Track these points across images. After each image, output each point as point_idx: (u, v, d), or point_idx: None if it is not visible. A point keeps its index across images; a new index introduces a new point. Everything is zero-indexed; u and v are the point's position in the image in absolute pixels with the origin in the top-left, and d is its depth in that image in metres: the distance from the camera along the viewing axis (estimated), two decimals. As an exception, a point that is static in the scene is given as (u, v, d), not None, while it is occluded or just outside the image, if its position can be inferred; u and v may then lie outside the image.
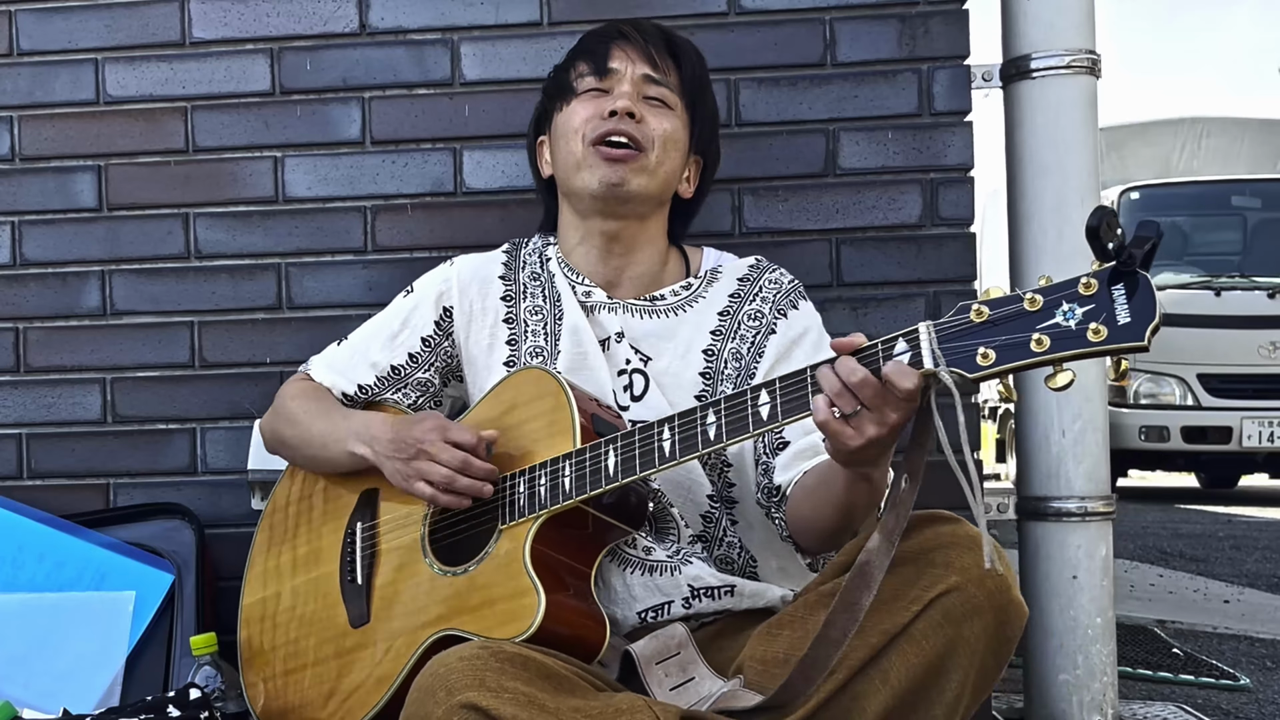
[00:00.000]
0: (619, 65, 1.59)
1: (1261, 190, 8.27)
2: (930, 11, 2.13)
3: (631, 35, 1.61)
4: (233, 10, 2.22)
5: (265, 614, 1.70)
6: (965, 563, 1.24)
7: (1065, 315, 1.10)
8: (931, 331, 1.17)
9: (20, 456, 2.25)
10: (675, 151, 1.60)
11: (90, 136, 2.25)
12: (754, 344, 1.59)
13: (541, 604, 1.33)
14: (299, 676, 1.62)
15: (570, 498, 1.39)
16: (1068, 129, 2.06)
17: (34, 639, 1.99)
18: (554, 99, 1.65)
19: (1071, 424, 2.06)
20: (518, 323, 1.65)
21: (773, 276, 1.65)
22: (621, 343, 1.60)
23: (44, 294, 2.26)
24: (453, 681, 1.18)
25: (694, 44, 1.67)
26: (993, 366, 1.13)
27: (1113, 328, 1.08)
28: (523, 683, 1.19)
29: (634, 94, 1.58)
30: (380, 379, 1.68)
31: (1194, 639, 3.20)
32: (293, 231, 2.21)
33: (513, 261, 1.70)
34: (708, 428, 1.31)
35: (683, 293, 1.64)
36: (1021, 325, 1.12)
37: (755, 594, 1.51)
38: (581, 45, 1.66)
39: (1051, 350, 1.10)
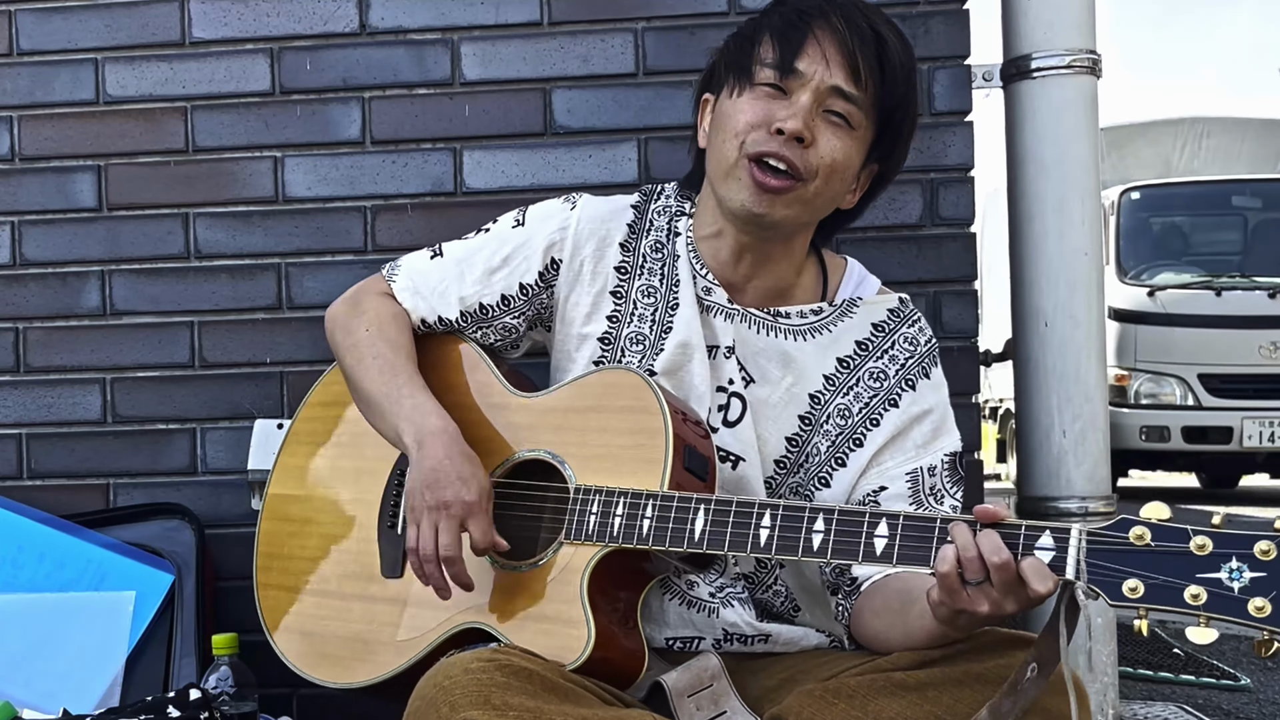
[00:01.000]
0: (807, 67, 1.36)
1: (1262, 190, 8.27)
2: (930, 11, 2.13)
3: (837, 27, 1.36)
4: (233, 10, 2.22)
5: (293, 515, 1.62)
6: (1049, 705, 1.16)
7: (1231, 575, 1.04)
8: (1083, 541, 1.09)
9: (20, 456, 2.25)
10: (841, 179, 1.42)
11: (90, 136, 2.25)
12: (868, 407, 1.47)
13: (591, 641, 1.29)
14: (316, 601, 1.56)
15: (645, 543, 1.31)
16: (1068, 129, 2.06)
17: (34, 639, 1.99)
18: (728, 69, 1.43)
19: (1072, 424, 2.05)
20: (625, 300, 1.51)
21: (909, 333, 1.50)
22: (730, 359, 1.47)
23: (44, 294, 2.26)
24: (456, 697, 1.14)
25: (908, 44, 1.43)
26: (1138, 602, 1.06)
27: (1277, 609, 1.01)
28: (528, 696, 1.15)
29: (813, 108, 1.36)
30: (465, 314, 1.55)
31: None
32: (293, 231, 2.21)
33: (639, 222, 1.53)
34: (812, 536, 1.22)
35: (810, 317, 1.49)
36: (1181, 568, 1.05)
37: (790, 642, 1.45)
38: (776, 17, 1.40)
39: (1205, 609, 1.04)
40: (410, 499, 1.40)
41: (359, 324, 1.55)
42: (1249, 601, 1.01)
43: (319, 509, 1.62)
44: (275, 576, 1.63)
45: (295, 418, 1.70)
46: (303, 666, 1.56)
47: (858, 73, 1.36)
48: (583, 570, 1.34)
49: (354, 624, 1.52)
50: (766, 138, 1.36)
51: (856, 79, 1.36)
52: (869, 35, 1.37)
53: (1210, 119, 9.75)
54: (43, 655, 1.98)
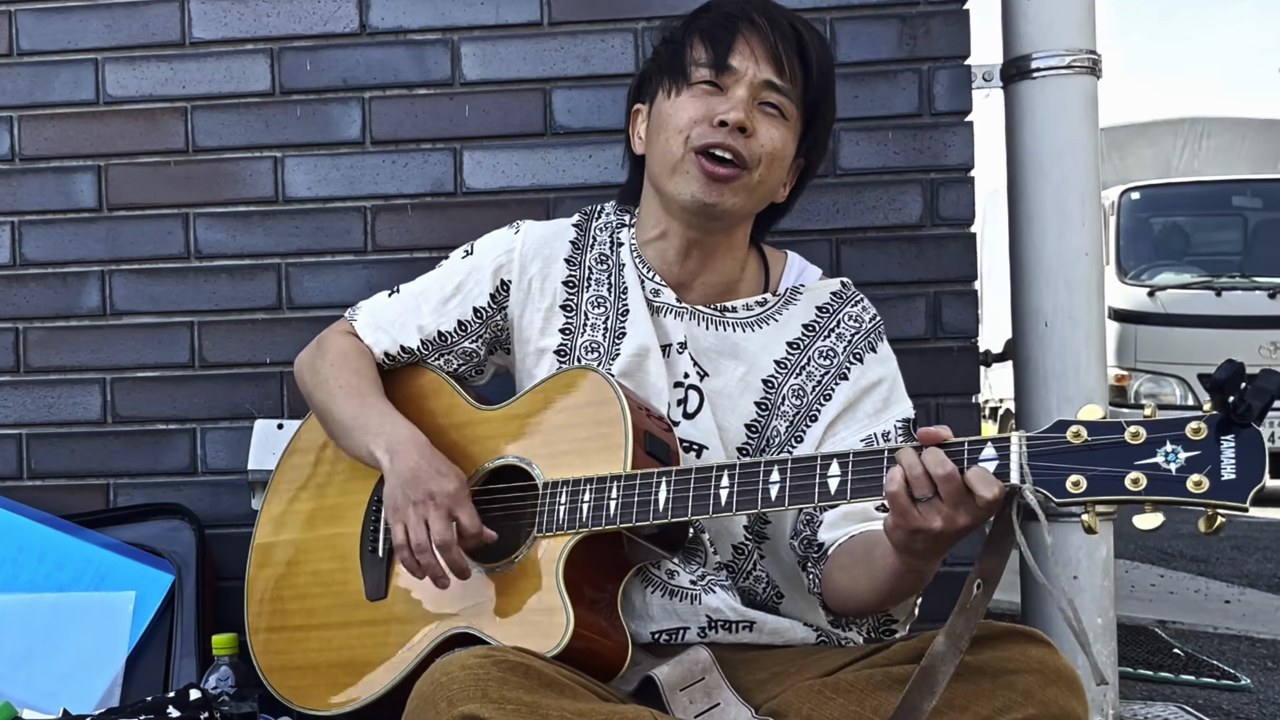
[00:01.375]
0: (740, 64, 1.44)
1: (1262, 190, 8.26)
2: (930, 11, 2.13)
3: (761, 27, 1.45)
4: (233, 10, 2.22)
5: (276, 560, 1.66)
6: (1045, 696, 1.18)
7: (1167, 457, 1.06)
8: (1023, 445, 1.12)
9: (20, 456, 2.25)
10: (780, 167, 1.49)
11: (90, 136, 2.25)
12: (821, 384, 1.51)
13: (570, 625, 1.31)
14: (304, 635, 1.59)
15: (614, 523, 1.35)
16: (1068, 129, 2.06)
17: (34, 639, 1.99)
18: (663, 74, 1.50)
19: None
20: (576, 312, 1.57)
21: (854, 311, 1.56)
22: (683, 354, 1.52)
23: (44, 294, 2.26)
24: (454, 692, 1.16)
25: (824, 41, 1.54)
26: (1082, 496, 1.09)
27: (1215, 482, 1.03)
28: (525, 691, 1.17)
29: (750, 100, 1.44)
30: (426, 342, 1.61)
31: (1195, 639, 3.20)
32: (293, 231, 2.21)
33: (581, 239, 1.60)
34: (770, 486, 1.26)
35: (756, 309, 1.55)
36: (1119, 458, 1.08)
37: (776, 631, 1.47)
38: (704, 21, 1.48)
39: (1146, 492, 1.06)
40: (392, 503, 1.44)
41: (324, 362, 1.62)
42: (1187, 479, 1.04)
43: (303, 549, 1.64)
44: (265, 620, 1.64)
45: (275, 470, 1.73)
46: (298, 701, 1.58)
47: (783, 67, 1.45)
48: (557, 559, 1.37)
49: (344, 650, 1.54)
50: (711, 130, 1.43)
51: (783, 73, 1.45)
52: (790, 33, 1.46)
53: (1210, 119, 9.74)
54: (43, 655, 1.98)
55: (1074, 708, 1.18)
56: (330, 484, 1.65)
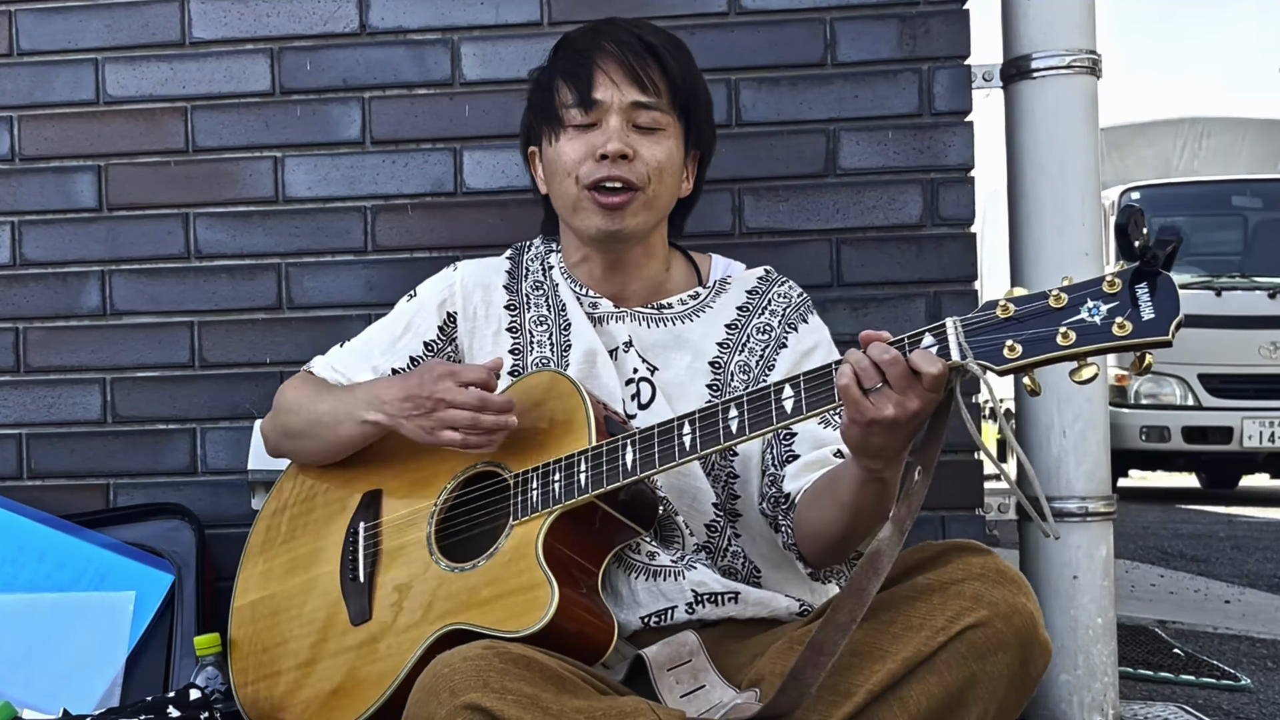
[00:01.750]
0: (604, 95, 1.51)
1: (1262, 190, 8.27)
2: (930, 11, 2.13)
3: (613, 52, 1.53)
4: (233, 10, 2.22)
5: (259, 615, 1.68)
6: (994, 597, 1.23)
7: (1090, 311, 1.13)
8: (958, 325, 1.19)
9: (20, 456, 2.25)
10: (672, 174, 1.56)
11: (90, 136, 2.25)
12: (763, 357, 1.58)
13: (555, 595, 1.33)
14: (296, 676, 1.60)
15: (586, 493, 1.40)
16: (1068, 129, 2.06)
17: (34, 639, 1.99)
18: (540, 121, 1.60)
19: (1072, 424, 2.05)
20: (522, 333, 1.64)
21: (781, 290, 1.64)
22: (629, 351, 1.59)
23: (44, 294, 2.26)
24: (456, 682, 1.18)
25: (674, 38, 1.59)
26: (1020, 359, 1.15)
27: (1138, 323, 1.11)
28: (526, 683, 1.19)
29: (623, 126, 1.52)
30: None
31: (1194, 639, 3.20)
32: (293, 231, 2.21)
33: (516, 270, 1.69)
34: (729, 422, 1.31)
35: (690, 302, 1.63)
36: (1047, 320, 1.14)
37: (760, 602, 1.50)
38: (562, 61, 1.57)
39: (1078, 344, 1.12)
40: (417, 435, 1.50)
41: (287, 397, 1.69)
42: (1112, 324, 1.11)
43: (284, 598, 1.66)
44: (252, 674, 1.65)
45: (250, 534, 1.75)
46: None
47: (644, 83, 1.52)
48: (536, 538, 1.40)
49: (334, 679, 1.54)
50: (596, 166, 1.51)
51: (645, 89, 1.52)
52: (640, 46, 1.54)
53: (1210, 119, 9.74)
54: (43, 655, 1.98)
55: (1022, 603, 1.24)
56: (302, 534, 1.68)
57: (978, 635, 1.22)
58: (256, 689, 1.64)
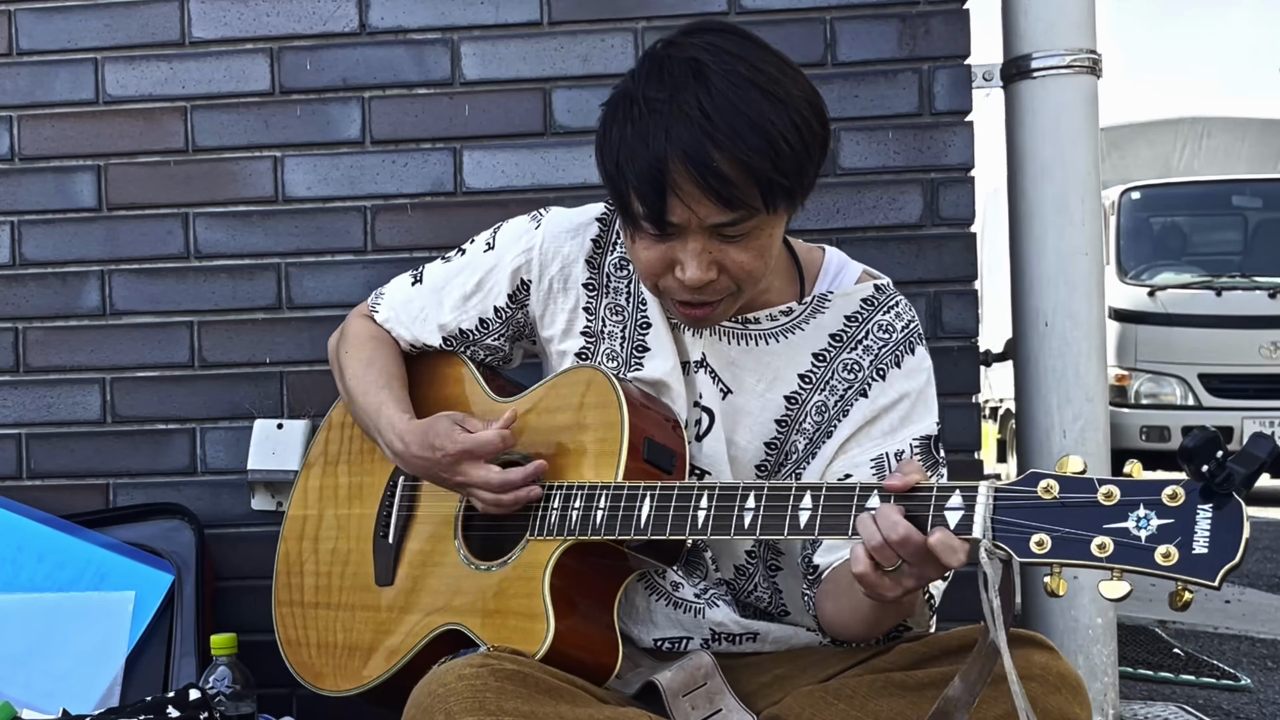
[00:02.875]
0: (681, 218, 1.28)
1: (1262, 190, 8.26)
2: (930, 11, 2.13)
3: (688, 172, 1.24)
4: (233, 10, 2.22)
5: (305, 533, 1.72)
6: (1049, 704, 1.17)
7: (1138, 523, 1.00)
8: (990, 498, 1.08)
9: (20, 456, 2.25)
10: (769, 257, 1.35)
11: (90, 136, 2.25)
12: (842, 398, 1.43)
13: (550, 634, 1.31)
14: (321, 613, 1.64)
15: (599, 534, 1.34)
16: (1068, 129, 2.06)
17: (34, 639, 1.99)
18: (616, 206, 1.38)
19: (1072, 424, 2.05)
20: (596, 317, 1.51)
21: (884, 320, 1.44)
22: (699, 372, 1.45)
23: (44, 294, 2.25)
24: (451, 704, 1.16)
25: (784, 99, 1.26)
26: (1045, 557, 1.04)
27: (1185, 555, 0.97)
28: (522, 700, 1.17)
29: (704, 245, 1.30)
30: (447, 339, 1.59)
31: (1194, 639, 3.20)
32: (293, 231, 2.21)
33: (604, 237, 1.50)
34: (744, 514, 1.24)
35: (781, 319, 1.44)
36: (1088, 519, 1.02)
37: (779, 640, 1.46)
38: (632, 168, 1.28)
39: (1111, 560, 1.00)
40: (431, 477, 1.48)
41: (344, 350, 1.64)
42: (1155, 550, 0.97)
43: (326, 525, 1.70)
44: (289, 593, 1.71)
45: (313, 441, 1.78)
46: (308, 679, 1.64)
47: (728, 200, 1.25)
48: (545, 565, 1.37)
49: (352, 633, 1.58)
50: (678, 286, 1.33)
51: (729, 205, 1.26)
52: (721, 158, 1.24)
53: (1210, 119, 9.74)
54: (43, 655, 1.98)
55: (1076, 713, 1.19)
56: (355, 461, 1.70)
57: None
58: (289, 613, 1.70)
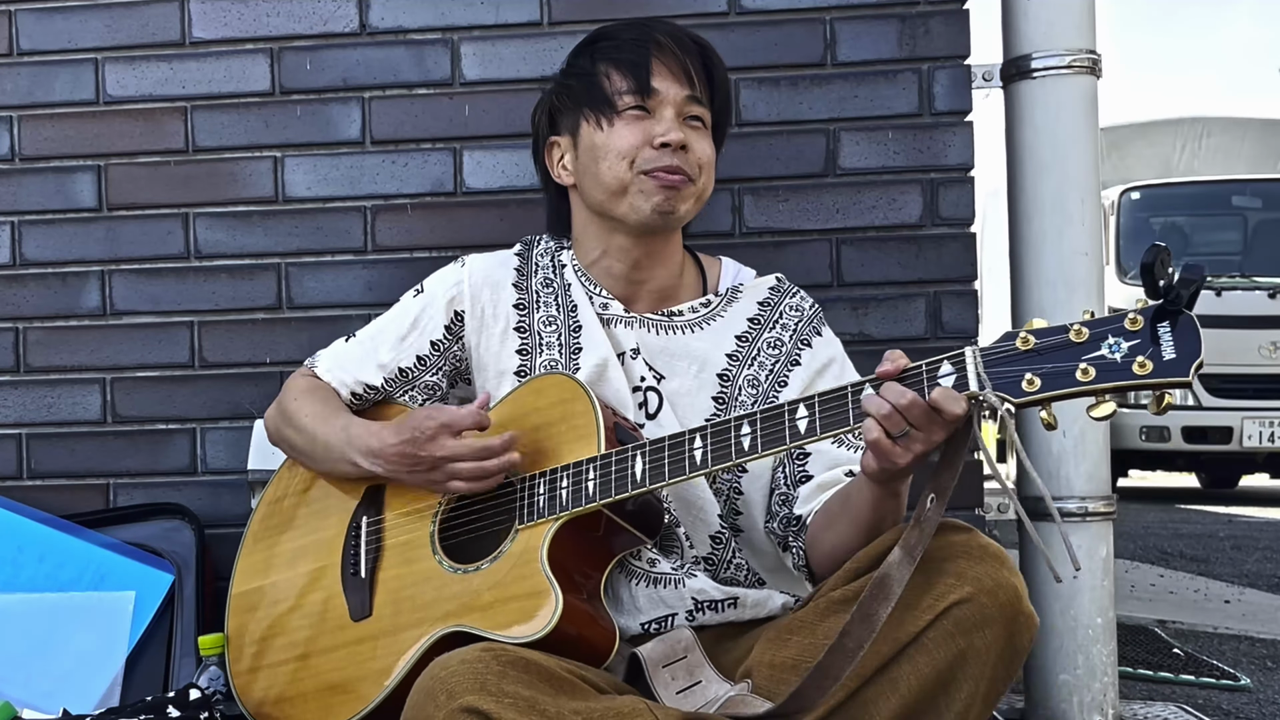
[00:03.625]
0: (661, 86, 1.53)
1: (1262, 190, 8.27)
2: (930, 11, 2.13)
3: (668, 46, 1.54)
4: (233, 10, 2.22)
5: (258, 603, 1.67)
6: (977, 573, 1.24)
7: (1111, 348, 1.13)
8: (977, 356, 1.19)
9: (20, 456, 2.25)
10: (712, 172, 1.59)
11: (90, 136, 2.25)
12: (774, 372, 1.57)
13: (559, 604, 1.33)
14: (294, 668, 1.59)
15: (594, 501, 1.39)
16: (1068, 129, 2.06)
17: (34, 639, 1.99)
18: (583, 105, 1.57)
19: (1072, 424, 2.05)
20: (530, 333, 1.62)
21: (793, 302, 1.63)
22: (637, 359, 1.57)
23: (44, 294, 2.26)
24: (453, 685, 1.18)
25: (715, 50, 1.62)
26: (1038, 393, 1.15)
27: (1158, 363, 1.10)
28: (523, 686, 1.19)
29: (678, 118, 1.53)
30: (388, 380, 1.65)
31: (1194, 639, 3.20)
32: (293, 231, 2.21)
33: (525, 266, 1.66)
34: (742, 438, 1.31)
35: (701, 310, 1.61)
36: (1067, 355, 1.14)
37: (758, 603, 1.51)
38: (612, 51, 1.56)
39: (1097, 380, 1.12)
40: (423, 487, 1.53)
41: (290, 405, 1.67)
42: (1133, 363, 1.10)
43: (284, 588, 1.65)
44: (250, 662, 1.65)
45: (250, 521, 1.75)
46: None
47: (695, 82, 1.55)
48: (541, 544, 1.40)
49: (334, 673, 1.54)
50: (655, 154, 1.51)
51: (695, 87, 1.55)
52: (694, 48, 1.57)
53: (1210, 119, 9.74)
54: (43, 655, 1.98)
55: (1005, 577, 1.24)
56: (303, 524, 1.68)
57: (963, 612, 1.22)
58: (253, 679, 1.63)
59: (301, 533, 1.67)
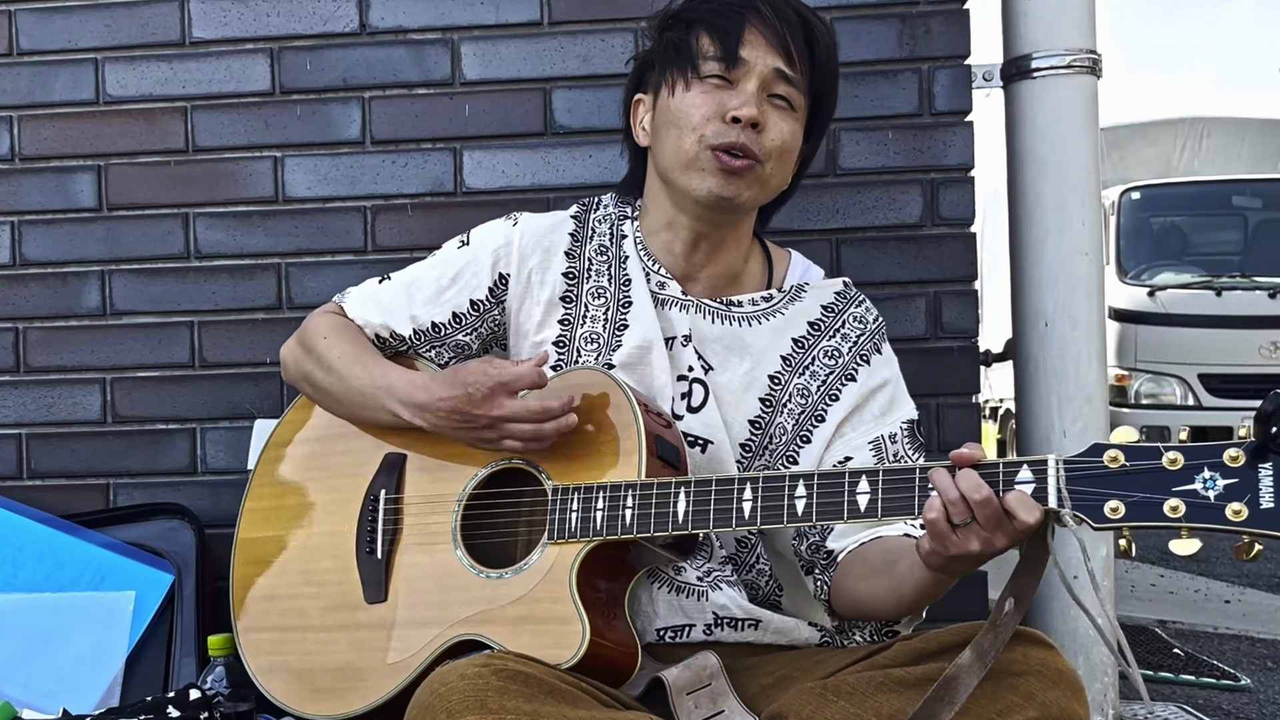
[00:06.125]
0: (750, 55, 1.42)
1: (1262, 190, 8.26)
2: (930, 11, 2.13)
3: (768, 16, 1.43)
4: (233, 10, 2.22)
5: (266, 556, 1.61)
6: (1047, 699, 1.18)
7: (1205, 484, 1.07)
8: (1060, 469, 1.13)
9: (20, 456, 2.25)
10: (789, 159, 1.49)
11: (90, 136, 2.25)
12: (826, 384, 1.51)
13: (586, 635, 1.29)
14: (301, 638, 1.54)
15: (630, 532, 1.33)
16: (1068, 129, 2.06)
17: (34, 639, 1.99)
18: (668, 65, 1.47)
19: (1073, 424, 2.05)
20: (576, 303, 1.53)
21: (858, 312, 1.56)
22: (688, 346, 1.50)
23: (44, 294, 2.26)
24: (453, 702, 1.14)
25: (829, 27, 1.52)
26: (1121, 521, 1.09)
27: (1255, 511, 1.04)
28: (524, 700, 1.15)
29: (760, 94, 1.43)
30: (418, 333, 1.57)
31: (1194, 639, 3.20)
32: (293, 231, 2.21)
33: (580, 231, 1.57)
34: (796, 501, 1.24)
35: (762, 303, 1.54)
36: (1157, 484, 1.08)
37: (780, 631, 1.46)
38: (707, 9, 1.46)
39: (1185, 519, 1.06)
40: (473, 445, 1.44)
41: (315, 339, 1.58)
42: (1226, 507, 1.04)
43: (293, 546, 1.60)
44: (255, 619, 1.60)
45: (256, 462, 1.67)
46: (294, 704, 1.53)
47: (792, 56, 1.44)
48: (570, 567, 1.34)
49: (342, 654, 1.50)
50: (725, 128, 1.42)
51: (791, 62, 1.44)
52: (796, 20, 1.45)
53: (1210, 119, 9.74)
54: (43, 655, 1.98)
55: (1075, 710, 1.19)
56: (320, 479, 1.61)
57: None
58: (259, 639, 1.58)
59: (314, 489, 1.60)
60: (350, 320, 1.61)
